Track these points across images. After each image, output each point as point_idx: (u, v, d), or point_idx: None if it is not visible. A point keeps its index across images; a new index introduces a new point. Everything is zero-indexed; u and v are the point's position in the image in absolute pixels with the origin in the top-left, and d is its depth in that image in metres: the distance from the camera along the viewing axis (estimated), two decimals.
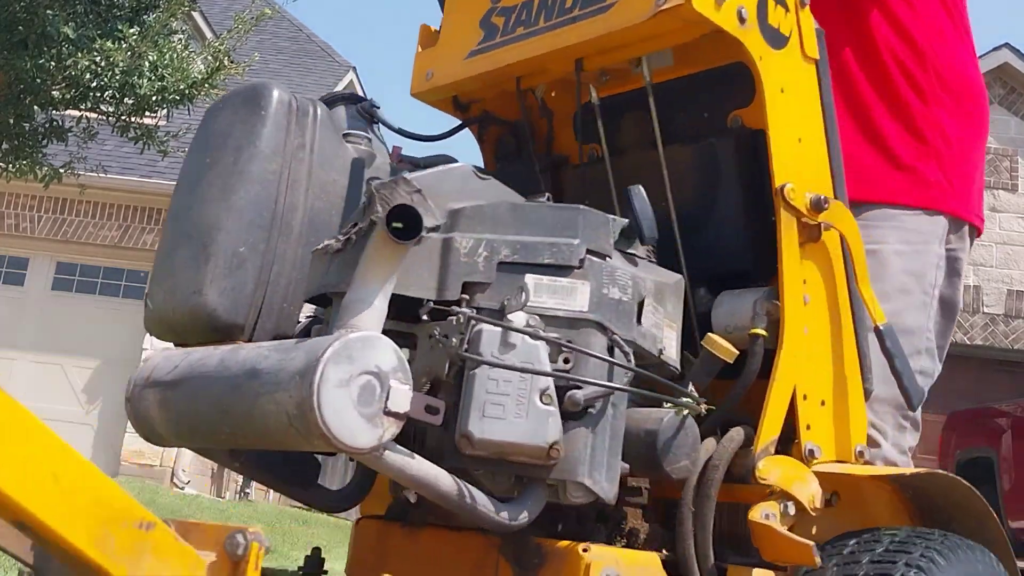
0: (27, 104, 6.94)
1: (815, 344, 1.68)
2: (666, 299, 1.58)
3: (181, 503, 8.56)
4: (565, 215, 1.54)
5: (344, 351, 1.28)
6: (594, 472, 1.44)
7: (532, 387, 1.40)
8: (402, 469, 1.39)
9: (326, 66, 14.42)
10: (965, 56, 2.26)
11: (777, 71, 1.68)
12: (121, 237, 10.74)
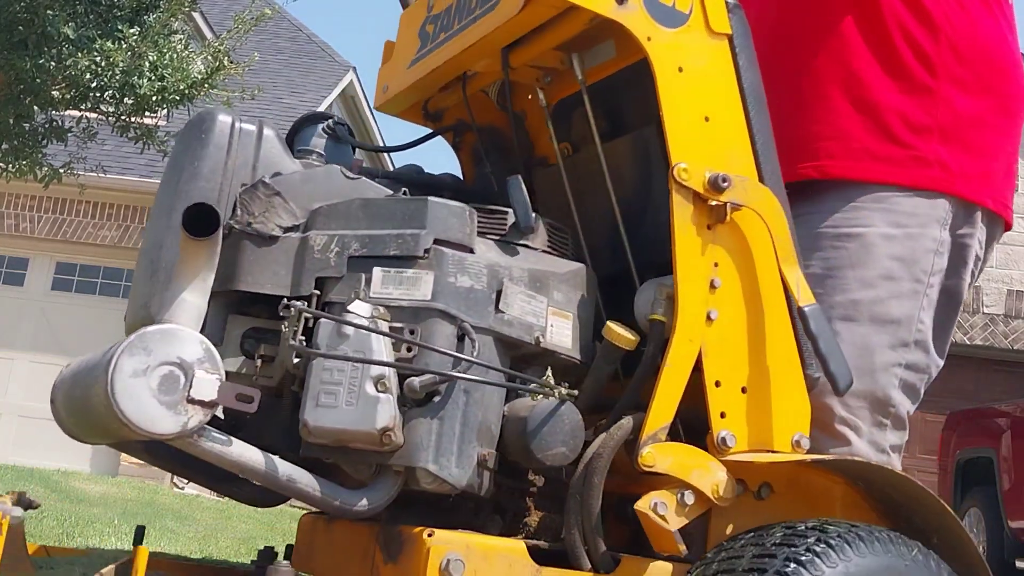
0: (27, 104, 6.94)
1: (729, 329, 1.61)
2: (552, 288, 1.58)
3: (181, 503, 8.55)
4: (412, 207, 1.56)
5: (140, 343, 1.38)
6: (440, 458, 1.46)
7: (364, 376, 1.43)
8: (221, 455, 1.44)
9: (326, 66, 14.41)
10: (990, 26, 2.02)
11: (672, 50, 1.63)
12: (121, 237, 10.73)
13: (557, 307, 1.59)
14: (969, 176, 1.93)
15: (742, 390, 1.61)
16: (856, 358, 1.71)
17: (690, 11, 1.66)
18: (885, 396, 1.78)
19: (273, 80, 13.32)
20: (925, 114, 1.94)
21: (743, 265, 1.60)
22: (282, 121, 12.35)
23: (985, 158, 1.96)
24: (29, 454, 10.15)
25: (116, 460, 10.16)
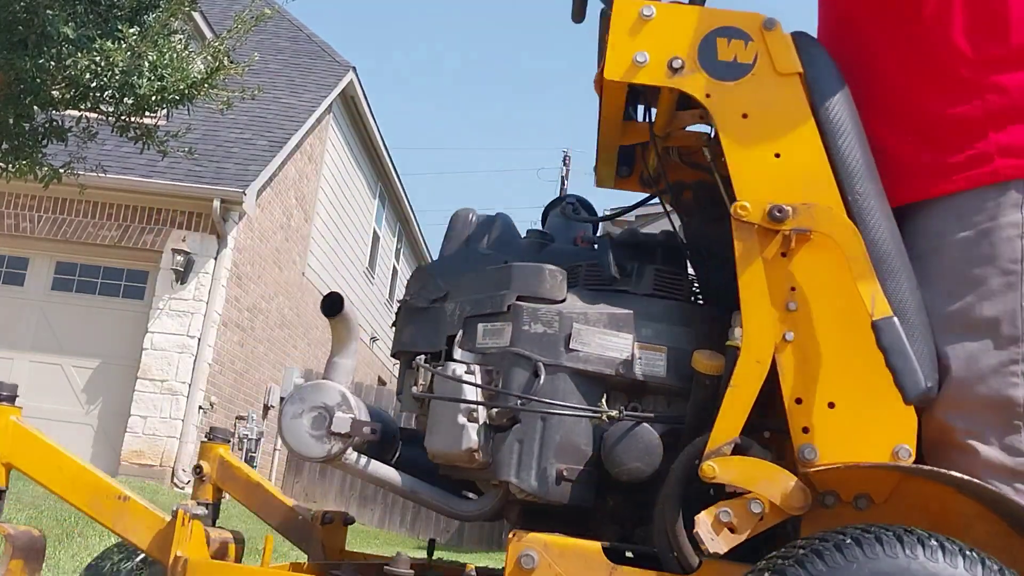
0: (27, 104, 6.93)
1: (810, 348, 1.67)
2: (640, 325, 1.81)
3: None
4: (504, 273, 1.90)
5: (298, 394, 1.87)
6: (521, 472, 1.76)
7: (457, 410, 1.80)
8: (361, 472, 1.89)
9: (326, 66, 14.41)
10: None
11: (734, 100, 1.76)
12: (121, 237, 10.74)
13: (646, 341, 1.81)
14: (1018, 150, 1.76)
15: (829, 405, 1.65)
16: (963, 370, 1.66)
17: (754, 60, 1.77)
18: (1005, 398, 1.64)
19: (273, 80, 13.32)
20: (970, 107, 1.81)
21: (821, 286, 1.66)
22: (281, 121, 12.35)
23: None
24: None
25: (116, 460, 10.17)
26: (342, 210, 15.07)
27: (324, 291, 14.56)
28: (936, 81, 1.85)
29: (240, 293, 11.31)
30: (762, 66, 1.77)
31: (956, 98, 1.82)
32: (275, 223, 12.27)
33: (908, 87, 1.88)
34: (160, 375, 10.26)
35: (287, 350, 13.42)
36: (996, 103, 1.79)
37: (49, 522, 5.55)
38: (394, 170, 17.09)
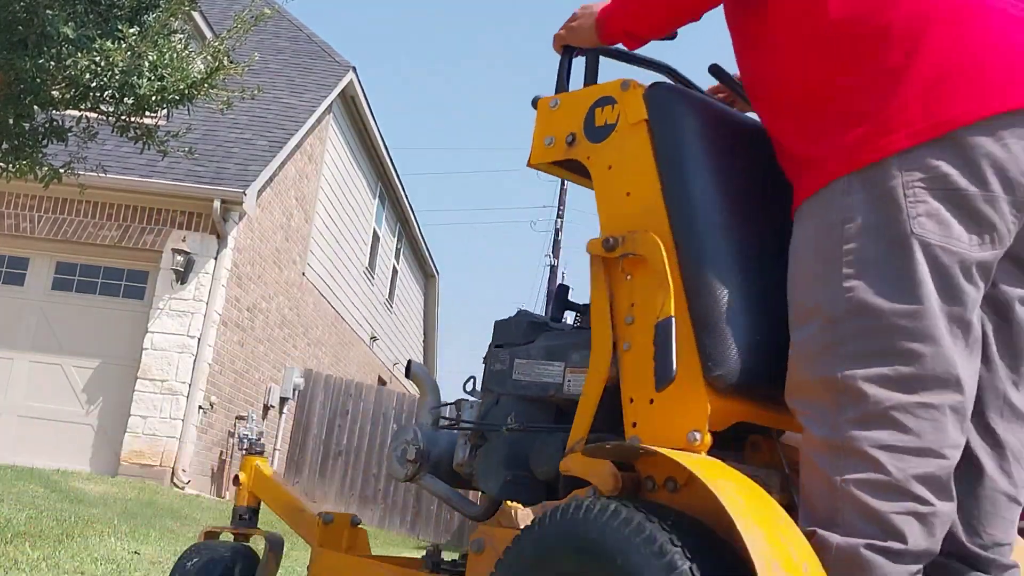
0: (27, 104, 6.93)
1: (642, 354, 1.83)
2: (571, 353, 2.06)
3: (181, 503, 8.56)
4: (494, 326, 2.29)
5: (395, 434, 2.41)
6: (486, 480, 2.16)
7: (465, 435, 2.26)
8: (426, 485, 2.34)
9: (326, 66, 14.41)
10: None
11: (603, 156, 1.99)
12: (121, 237, 10.74)
13: (575, 366, 2.04)
14: (843, 147, 1.63)
15: (650, 401, 1.81)
16: (796, 356, 1.65)
17: (616, 119, 1.97)
18: (828, 378, 1.57)
19: (273, 80, 13.32)
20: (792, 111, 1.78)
21: (649, 300, 1.84)
22: (281, 121, 12.35)
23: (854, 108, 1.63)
24: (29, 454, 10.15)
25: (116, 460, 10.17)
26: (342, 210, 15.07)
27: (324, 291, 14.59)
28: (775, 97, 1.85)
29: (240, 293, 11.31)
30: (621, 122, 1.96)
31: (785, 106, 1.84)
32: (275, 223, 12.27)
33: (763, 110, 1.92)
34: (160, 375, 10.26)
35: (287, 350, 13.42)
36: (799, 101, 1.76)
37: (49, 522, 5.55)
38: (394, 170, 17.09)
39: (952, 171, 1.53)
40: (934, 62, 1.56)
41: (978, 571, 1.55)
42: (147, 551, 5.35)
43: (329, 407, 13.72)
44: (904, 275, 1.53)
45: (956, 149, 1.53)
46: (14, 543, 4.63)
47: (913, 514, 1.47)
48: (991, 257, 1.56)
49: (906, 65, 1.57)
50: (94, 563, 4.60)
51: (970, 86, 1.54)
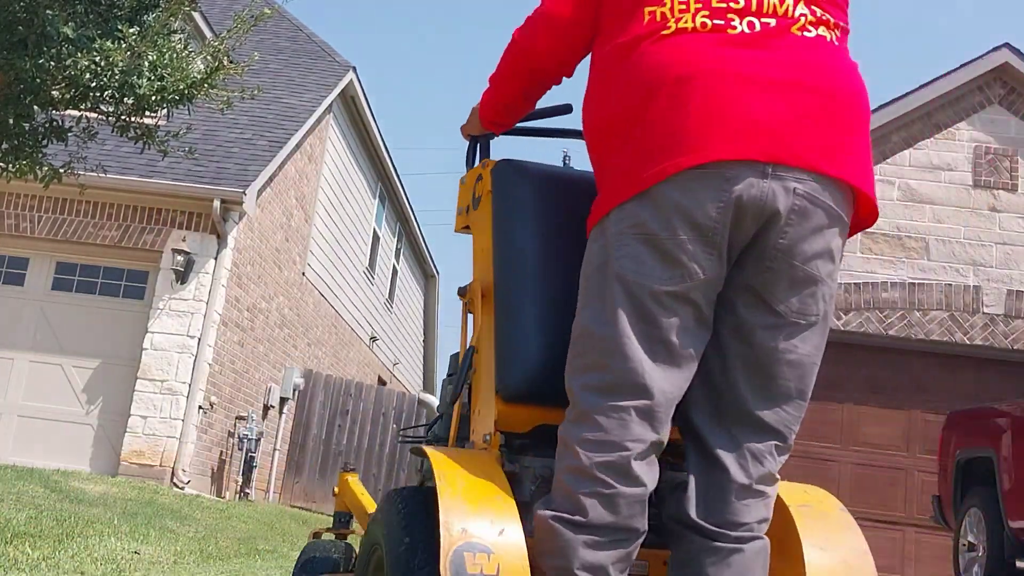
0: (27, 104, 6.93)
1: (482, 376, 2.23)
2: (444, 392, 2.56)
3: (181, 503, 8.55)
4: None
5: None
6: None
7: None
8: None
9: (326, 66, 14.41)
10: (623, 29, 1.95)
11: (475, 223, 2.38)
12: (121, 237, 10.74)
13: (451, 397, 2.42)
14: (613, 178, 1.91)
15: (478, 412, 2.24)
16: (564, 373, 2.00)
17: (481, 191, 2.35)
18: (569, 388, 1.93)
19: (273, 80, 13.31)
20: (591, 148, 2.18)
21: (486, 334, 2.23)
22: (281, 121, 12.35)
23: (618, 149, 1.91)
24: (29, 454, 10.15)
25: (116, 460, 10.17)
26: (342, 210, 15.07)
27: (324, 291, 14.58)
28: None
29: (240, 293, 11.31)
30: (482, 193, 2.35)
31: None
32: (275, 223, 12.27)
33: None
34: (160, 375, 10.26)
35: (287, 350, 13.42)
36: (593, 143, 2.05)
37: (49, 522, 5.55)
38: (394, 170, 17.09)
39: (648, 219, 1.83)
40: (649, 130, 1.83)
41: (707, 539, 1.85)
42: (147, 551, 5.35)
43: (329, 407, 13.72)
44: (606, 305, 1.86)
45: (651, 202, 1.82)
46: (14, 543, 4.62)
47: (596, 495, 1.78)
48: (683, 288, 1.82)
49: (630, 133, 1.87)
50: (94, 563, 4.60)
51: (671, 147, 1.80)
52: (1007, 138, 11.02)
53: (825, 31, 1.91)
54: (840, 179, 1.83)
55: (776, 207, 1.79)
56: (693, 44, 1.84)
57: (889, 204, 10.87)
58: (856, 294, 10.63)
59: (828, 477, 10.43)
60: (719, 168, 1.77)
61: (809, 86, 1.82)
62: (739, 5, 1.86)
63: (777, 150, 1.78)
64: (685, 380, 1.87)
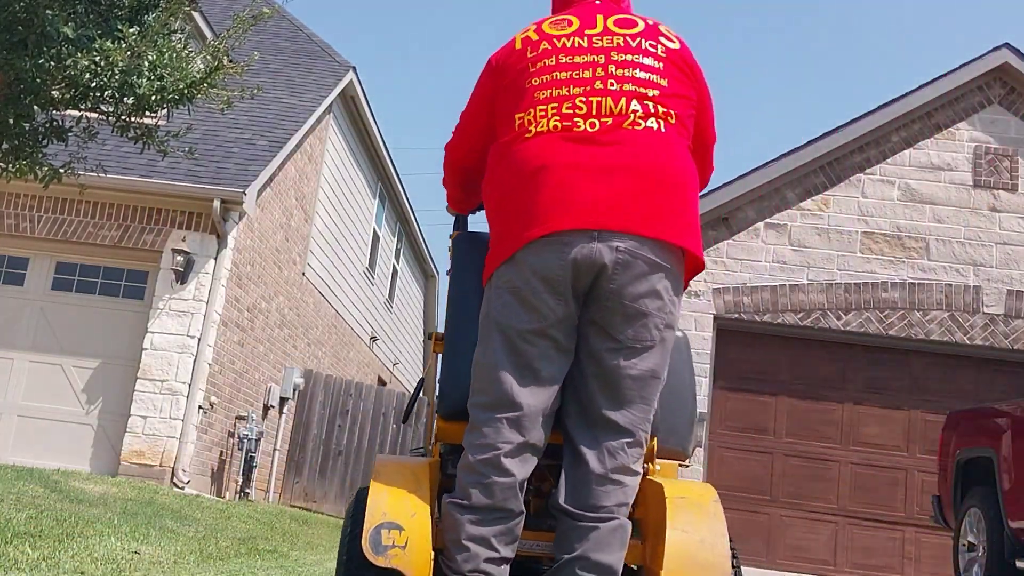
0: (27, 104, 6.93)
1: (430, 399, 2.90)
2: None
3: (181, 503, 8.55)
4: None
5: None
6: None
7: None
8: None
9: (326, 66, 14.41)
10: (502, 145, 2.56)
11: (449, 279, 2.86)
12: (121, 237, 10.74)
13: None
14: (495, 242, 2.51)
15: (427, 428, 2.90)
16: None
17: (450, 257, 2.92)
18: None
19: (273, 80, 13.31)
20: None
21: (434, 369, 2.77)
22: (281, 121, 12.35)
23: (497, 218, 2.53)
24: (29, 454, 10.15)
25: (116, 460, 10.17)
26: (342, 210, 15.07)
27: (324, 291, 14.58)
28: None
29: (240, 293, 11.31)
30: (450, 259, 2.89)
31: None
32: (275, 223, 12.27)
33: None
34: (160, 375, 10.26)
35: (287, 350, 13.42)
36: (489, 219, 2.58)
37: (49, 522, 5.55)
38: (394, 170, 17.09)
39: (513, 277, 2.38)
40: (514, 210, 2.40)
41: (572, 520, 2.31)
42: (147, 551, 5.35)
43: (329, 407, 13.72)
44: (489, 343, 2.41)
45: (515, 264, 2.38)
46: (14, 543, 4.62)
47: (477, 484, 2.31)
48: (540, 327, 2.36)
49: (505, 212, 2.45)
50: (94, 563, 4.60)
51: (528, 223, 2.36)
52: (1007, 138, 11.02)
53: (654, 122, 2.41)
54: (656, 238, 2.33)
55: (603, 261, 2.30)
56: (547, 143, 2.40)
57: (889, 204, 10.87)
58: (856, 294, 10.64)
59: (828, 477, 10.44)
60: (560, 236, 2.31)
61: (632, 169, 2.35)
62: (583, 111, 2.41)
63: (601, 220, 2.31)
64: (549, 395, 2.39)
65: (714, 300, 10.62)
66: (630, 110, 2.40)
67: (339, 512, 13.21)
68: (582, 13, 2.61)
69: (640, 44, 2.51)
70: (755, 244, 10.81)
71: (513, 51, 2.58)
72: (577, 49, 2.51)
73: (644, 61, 2.49)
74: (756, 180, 10.83)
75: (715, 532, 2.36)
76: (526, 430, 2.34)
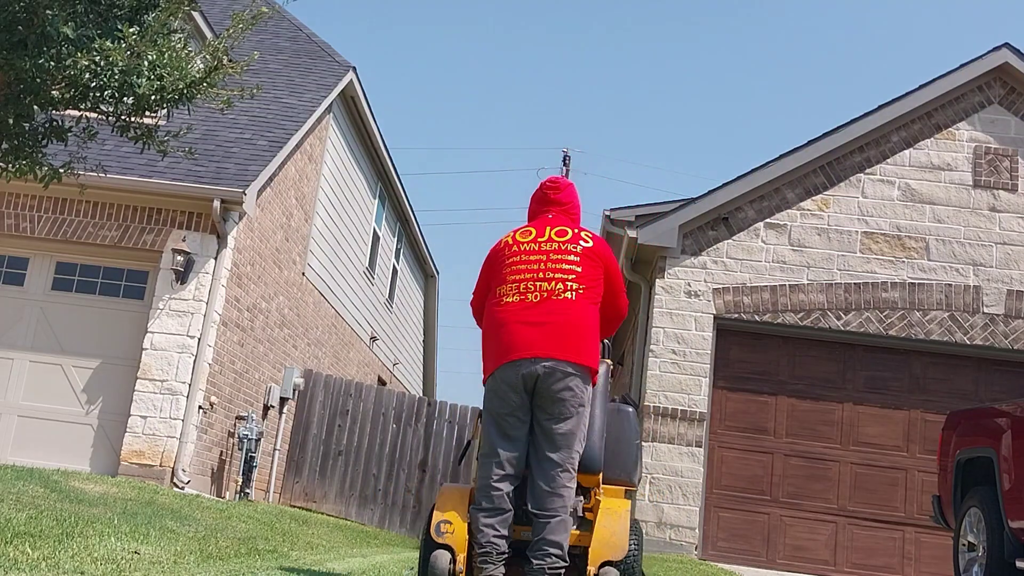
0: (27, 104, 6.93)
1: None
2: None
3: (181, 503, 8.55)
4: None
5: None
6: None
7: None
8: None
9: (326, 66, 14.41)
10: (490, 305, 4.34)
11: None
12: (121, 237, 10.74)
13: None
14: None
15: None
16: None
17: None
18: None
19: (273, 80, 13.31)
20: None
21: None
22: (281, 121, 12.35)
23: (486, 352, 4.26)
24: (29, 454, 10.15)
25: (116, 460, 10.17)
26: (342, 210, 15.07)
27: (324, 291, 14.59)
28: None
29: (240, 293, 11.31)
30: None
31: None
32: (275, 223, 12.27)
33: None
34: (160, 375, 10.26)
35: (287, 350, 13.42)
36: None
37: (49, 522, 5.55)
38: (394, 170, 17.09)
39: (495, 385, 4.12)
40: (493, 347, 4.16)
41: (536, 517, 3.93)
42: (147, 551, 5.35)
43: (329, 407, 13.72)
44: (487, 420, 4.13)
45: (494, 378, 4.13)
46: (14, 543, 4.62)
47: (482, 497, 3.99)
48: (508, 411, 4.08)
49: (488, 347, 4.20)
50: (94, 563, 4.60)
51: (499, 356, 4.11)
52: (1007, 138, 11.03)
53: (571, 294, 4.16)
54: (565, 359, 4.05)
55: (538, 373, 4.03)
56: (509, 308, 4.18)
57: (889, 204, 10.87)
58: (856, 294, 10.64)
59: (828, 477, 10.44)
60: (515, 363, 4.06)
61: (553, 322, 4.09)
62: (531, 289, 4.17)
63: (535, 351, 4.06)
64: (519, 447, 4.07)
65: (714, 300, 10.63)
66: (556, 288, 4.19)
67: (339, 512, 13.22)
68: (539, 225, 4.42)
69: (566, 247, 4.29)
70: (755, 244, 10.81)
71: (499, 250, 4.41)
72: (531, 251, 4.30)
73: (568, 258, 4.26)
74: (756, 180, 10.83)
75: (622, 529, 4.05)
76: (504, 467, 4.05)
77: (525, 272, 4.20)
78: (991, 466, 6.34)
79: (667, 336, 10.55)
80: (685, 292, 10.67)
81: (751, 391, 10.65)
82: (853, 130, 10.95)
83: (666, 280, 10.69)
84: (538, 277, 4.17)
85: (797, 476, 10.49)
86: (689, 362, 10.47)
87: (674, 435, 10.29)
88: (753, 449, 10.54)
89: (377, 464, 13.53)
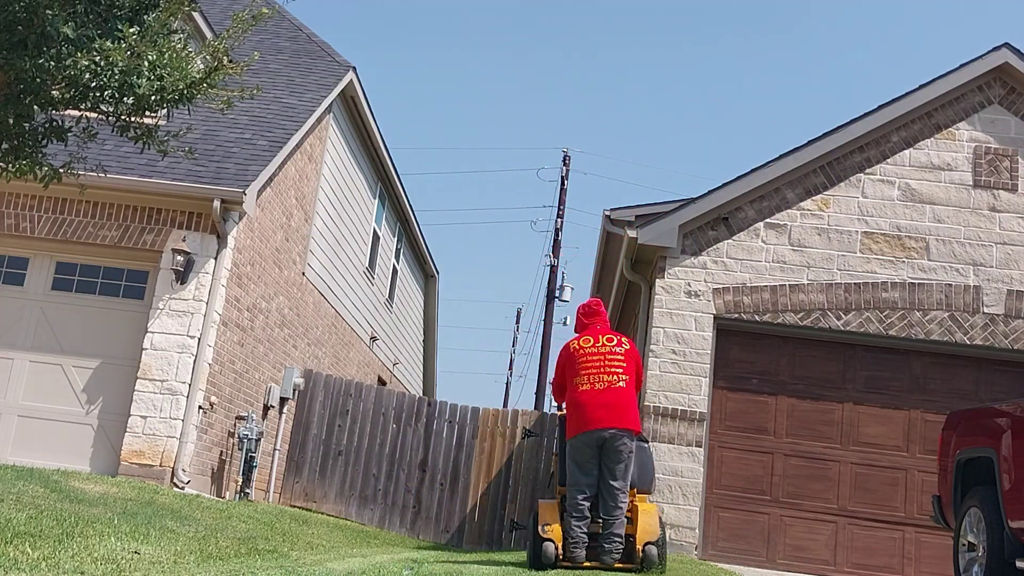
0: (27, 104, 6.93)
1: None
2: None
3: (181, 503, 8.55)
4: None
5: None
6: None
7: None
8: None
9: (326, 66, 14.41)
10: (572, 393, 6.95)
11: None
12: (121, 237, 10.74)
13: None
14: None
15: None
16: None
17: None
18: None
19: (273, 80, 13.31)
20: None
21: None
22: (282, 120, 12.35)
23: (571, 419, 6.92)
24: (29, 454, 10.15)
25: (116, 460, 10.17)
26: (342, 210, 15.07)
27: (324, 291, 14.59)
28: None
29: (240, 293, 11.31)
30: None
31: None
32: (275, 223, 12.27)
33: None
34: (160, 375, 10.26)
35: (287, 350, 13.42)
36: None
37: (49, 522, 5.55)
38: (394, 170, 17.09)
39: (577, 443, 6.84)
40: (576, 419, 6.86)
41: (604, 519, 6.68)
42: (147, 551, 5.35)
43: (329, 407, 13.72)
44: (572, 462, 6.93)
45: (575, 439, 6.84)
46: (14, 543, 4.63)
47: (571, 509, 6.73)
48: (587, 458, 6.79)
49: (573, 417, 6.91)
50: (94, 563, 4.60)
51: (581, 425, 6.81)
52: (1007, 138, 11.03)
53: (623, 383, 6.85)
54: (622, 428, 6.73)
55: (605, 437, 6.71)
56: (586, 394, 6.84)
57: (889, 204, 10.88)
58: (856, 294, 10.64)
59: (828, 477, 10.44)
60: (592, 431, 6.72)
61: (614, 403, 6.78)
62: (598, 380, 6.85)
63: (603, 424, 6.73)
64: (593, 478, 6.75)
65: (714, 300, 10.63)
66: (613, 379, 6.83)
67: (339, 512, 13.22)
68: (593, 334, 7.08)
69: (615, 350, 6.95)
70: (755, 244, 10.81)
71: (571, 353, 7.00)
72: (593, 353, 6.94)
73: (616, 358, 6.92)
74: (756, 180, 10.84)
75: (655, 521, 6.75)
76: (585, 491, 6.68)
77: (592, 368, 6.86)
78: (991, 466, 6.35)
79: (667, 336, 10.56)
80: (685, 292, 10.68)
81: (751, 391, 10.65)
82: (853, 130, 10.95)
83: (666, 280, 10.70)
84: (601, 371, 6.84)
85: (797, 476, 10.49)
86: (689, 362, 10.47)
87: (674, 435, 10.30)
88: (753, 449, 10.54)
89: (377, 464, 13.53)
